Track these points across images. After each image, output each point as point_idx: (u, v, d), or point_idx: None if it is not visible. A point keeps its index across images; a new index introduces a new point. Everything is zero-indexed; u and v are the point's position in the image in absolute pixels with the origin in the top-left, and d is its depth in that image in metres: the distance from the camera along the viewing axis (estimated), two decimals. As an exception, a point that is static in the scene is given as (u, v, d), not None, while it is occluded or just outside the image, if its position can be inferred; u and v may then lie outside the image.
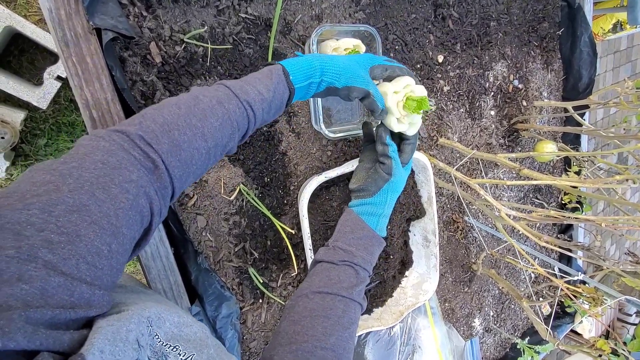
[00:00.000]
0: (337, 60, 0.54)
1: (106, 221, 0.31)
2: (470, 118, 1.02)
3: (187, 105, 0.42)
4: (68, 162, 0.32)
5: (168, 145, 0.38)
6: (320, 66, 0.52)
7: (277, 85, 0.49)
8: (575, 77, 1.19)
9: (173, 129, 0.39)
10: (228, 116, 0.44)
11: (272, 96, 0.48)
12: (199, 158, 0.42)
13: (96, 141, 0.35)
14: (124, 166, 0.35)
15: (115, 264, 0.32)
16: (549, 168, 1.25)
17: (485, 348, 1.22)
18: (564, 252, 0.94)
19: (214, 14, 0.65)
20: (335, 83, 0.54)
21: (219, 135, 0.43)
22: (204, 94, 0.44)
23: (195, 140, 0.41)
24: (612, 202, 0.86)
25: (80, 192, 0.31)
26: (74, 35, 0.52)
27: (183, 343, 0.36)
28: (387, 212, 0.65)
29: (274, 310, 0.78)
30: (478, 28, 0.99)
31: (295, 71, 0.51)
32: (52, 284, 0.27)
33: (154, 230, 0.39)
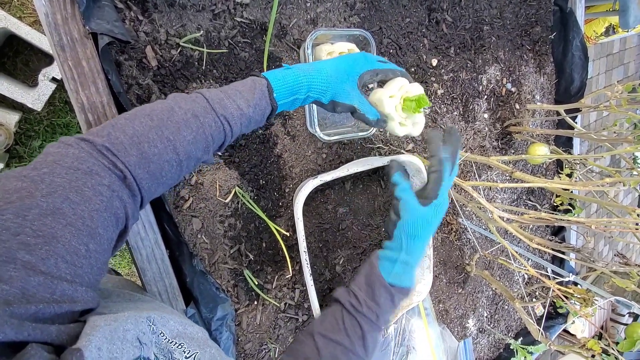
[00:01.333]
0: (324, 74, 0.53)
1: (81, 222, 0.32)
2: (464, 121, 1.03)
3: (159, 117, 0.41)
4: (39, 169, 0.33)
5: (136, 158, 0.38)
6: (307, 82, 0.51)
7: (259, 101, 0.48)
8: (567, 81, 1.21)
9: (143, 142, 0.39)
10: (203, 130, 0.43)
11: (252, 112, 0.47)
12: (169, 170, 0.41)
13: (65, 148, 0.35)
14: (95, 172, 0.35)
15: (94, 263, 0.33)
16: (541, 170, 1.26)
17: (479, 349, 1.23)
18: (556, 254, 0.95)
19: (209, 18, 0.66)
20: (321, 99, 0.53)
21: (192, 148, 0.43)
22: (179, 105, 0.43)
23: (166, 153, 0.40)
24: (603, 205, 0.87)
25: (54, 196, 0.31)
26: (70, 39, 0.52)
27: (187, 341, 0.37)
28: (406, 259, 0.56)
29: (269, 312, 0.79)
30: (472, 32, 1.00)
31: (280, 87, 0.50)
32: (32, 283, 0.27)
33: (129, 232, 0.40)
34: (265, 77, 0.50)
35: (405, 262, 0.56)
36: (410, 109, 0.59)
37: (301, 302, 0.82)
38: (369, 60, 0.59)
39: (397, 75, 0.61)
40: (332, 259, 0.83)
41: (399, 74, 0.61)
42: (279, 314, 0.80)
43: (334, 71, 0.54)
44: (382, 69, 0.59)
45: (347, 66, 0.56)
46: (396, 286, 0.56)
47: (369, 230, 0.88)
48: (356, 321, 0.54)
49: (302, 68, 0.52)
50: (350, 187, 0.84)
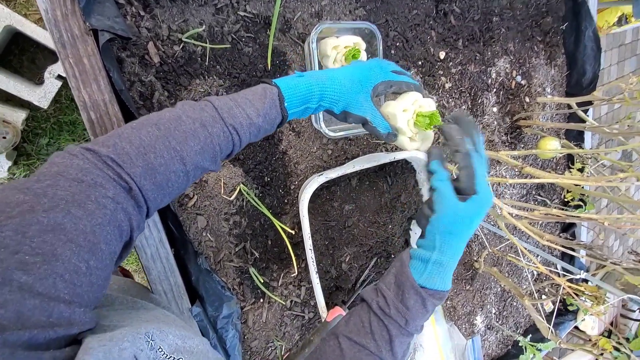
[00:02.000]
0: (337, 83, 0.51)
1: (83, 238, 0.31)
2: (472, 115, 1.01)
3: (167, 127, 0.40)
4: (42, 181, 0.32)
5: (142, 169, 0.37)
6: (320, 91, 0.50)
7: (269, 110, 0.47)
8: (579, 73, 1.18)
9: (149, 152, 0.38)
10: (211, 140, 0.42)
11: (261, 121, 0.46)
12: (176, 180, 0.41)
13: (69, 159, 0.34)
14: (100, 183, 0.34)
15: (95, 280, 0.32)
16: (551, 165, 1.24)
17: (487, 345, 1.22)
18: (567, 251, 0.93)
19: (212, 13, 0.64)
20: (333, 108, 0.52)
21: (200, 158, 0.42)
22: (187, 114, 0.42)
23: (172, 163, 0.40)
24: (615, 200, 0.85)
25: (56, 210, 0.30)
26: (70, 36, 0.52)
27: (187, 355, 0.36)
28: (440, 259, 0.50)
29: (275, 309, 0.78)
30: (480, 23, 0.98)
31: (291, 96, 0.48)
32: (27, 306, 0.26)
33: (134, 243, 0.39)
34: (276, 85, 0.48)
35: (439, 262, 0.50)
36: (423, 125, 0.57)
37: (307, 300, 0.82)
38: (384, 70, 0.57)
39: (411, 88, 0.59)
40: (338, 256, 0.83)
41: (413, 88, 0.59)
42: (285, 312, 0.79)
43: (347, 81, 0.53)
44: (397, 80, 0.57)
45: (362, 76, 0.54)
46: (428, 289, 0.50)
47: (376, 227, 0.87)
48: (383, 324, 0.50)
49: (314, 76, 0.51)
50: (356, 183, 0.83)
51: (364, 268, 0.85)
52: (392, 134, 0.58)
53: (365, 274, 0.85)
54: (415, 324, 0.50)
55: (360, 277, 0.84)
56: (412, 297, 0.49)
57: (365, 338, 0.49)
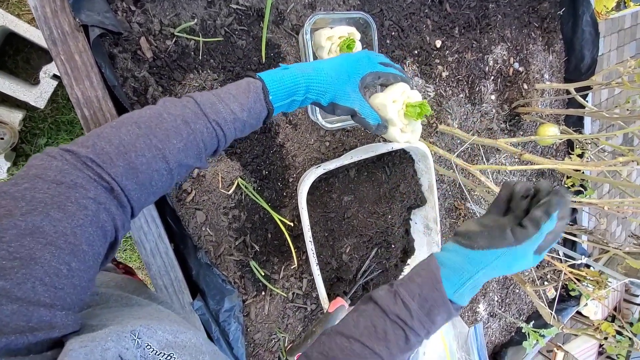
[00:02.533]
0: (324, 74, 0.51)
1: (63, 240, 0.30)
2: (470, 103, 1.00)
3: (147, 125, 0.39)
4: (19, 184, 0.31)
5: (123, 168, 0.36)
6: (305, 83, 0.49)
7: (254, 105, 0.46)
8: (577, 58, 1.17)
9: (130, 151, 0.37)
10: (194, 137, 0.41)
11: (246, 116, 0.45)
12: (159, 179, 0.40)
13: (48, 161, 0.33)
14: (80, 184, 0.33)
15: (78, 282, 0.31)
16: (551, 151, 1.23)
17: (490, 332, 1.22)
18: (568, 237, 0.93)
19: (204, 6, 0.64)
20: (320, 100, 0.51)
21: (183, 156, 0.41)
22: (169, 111, 0.41)
23: (154, 162, 0.39)
24: (616, 185, 0.85)
25: (34, 213, 0.30)
26: (60, 32, 0.51)
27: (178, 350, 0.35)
28: (478, 279, 0.47)
29: (277, 302, 0.78)
30: (476, 11, 0.97)
31: (276, 89, 0.47)
32: (5, 312, 0.26)
33: (120, 244, 0.39)
34: (260, 79, 0.47)
35: (475, 282, 0.46)
36: (413, 115, 0.58)
37: (309, 292, 0.82)
38: (372, 61, 0.57)
39: (399, 80, 0.59)
40: (338, 247, 0.83)
41: (400, 79, 0.59)
42: (287, 304, 0.80)
43: (334, 72, 0.52)
44: (385, 72, 0.57)
45: (349, 67, 0.54)
46: (456, 304, 0.47)
47: (375, 218, 0.87)
48: (404, 334, 0.46)
49: (300, 68, 0.50)
50: (354, 174, 0.82)
51: (364, 259, 0.85)
52: (382, 125, 0.57)
53: (366, 264, 0.85)
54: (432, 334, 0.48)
55: (361, 268, 0.84)
56: (440, 314, 0.46)
57: (379, 345, 0.46)
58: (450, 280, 0.46)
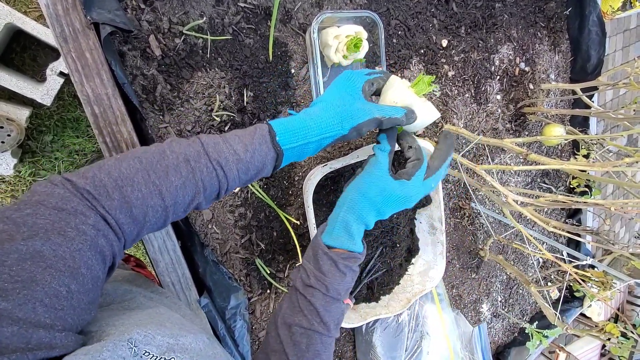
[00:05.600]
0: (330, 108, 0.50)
1: (62, 264, 0.31)
2: (476, 103, 1.00)
3: (149, 160, 0.40)
4: (22, 210, 0.32)
5: (118, 202, 0.37)
6: (316, 124, 0.48)
7: (259, 146, 0.45)
8: (583, 58, 1.16)
9: (126, 185, 0.38)
10: (193, 175, 0.41)
11: (250, 157, 0.45)
12: (153, 215, 0.40)
13: (51, 188, 0.35)
14: (81, 211, 0.34)
15: (77, 304, 0.32)
16: (556, 152, 1.23)
17: (493, 333, 1.22)
18: (573, 237, 0.93)
19: (212, 4, 0.64)
20: (341, 132, 0.49)
21: (180, 194, 0.41)
22: (172, 148, 0.42)
23: (150, 197, 0.39)
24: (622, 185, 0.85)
25: (35, 239, 0.31)
26: (72, 30, 0.52)
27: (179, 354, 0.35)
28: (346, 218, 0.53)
29: (281, 300, 0.79)
30: (483, 10, 0.96)
31: (283, 132, 0.47)
32: (5, 334, 0.27)
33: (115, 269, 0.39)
34: (267, 123, 0.48)
35: (345, 221, 0.52)
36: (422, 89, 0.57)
37: (313, 290, 0.82)
38: (358, 74, 0.56)
39: (389, 75, 0.57)
40: (344, 246, 0.83)
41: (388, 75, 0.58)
42: (292, 302, 0.80)
43: (337, 99, 0.51)
44: (374, 77, 0.56)
45: (346, 86, 0.53)
46: (337, 248, 0.52)
47: (380, 216, 0.87)
48: (306, 298, 0.52)
49: (308, 112, 0.50)
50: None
51: (369, 258, 0.85)
52: (410, 111, 0.55)
53: (371, 263, 0.85)
54: (335, 288, 0.52)
55: (366, 267, 0.85)
56: (325, 262, 0.52)
57: (297, 316, 0.51)
58: (327, 230, 0.53)
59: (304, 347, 0.51)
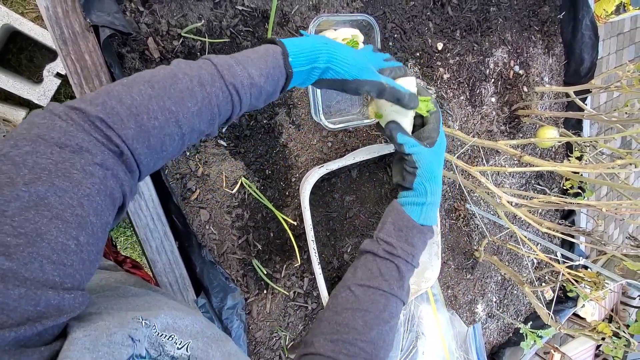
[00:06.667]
0: (346, 49, 0.49)
1: (70, 213, 0.28)
2: (471, 105, 1.01)
3: (161, 85, 0.37)
4: (20, 147, 0.28)
5: (134, 131, 0.34)
6: (327, 51, 0.47)
7: (272, 70, 0.44)
8: (576, 61, 1.18)
9: (142, 112, 0.34)
10: (209, 100, 0.39)
11: (264, 81, 0.43)
12: (170, 144, 0.38)
13: (51, 119, 0.31)
14: (86, 149, 0.31)
15: (87, 257, 0.30)
16: (550, 154, 1.25)
17: (488, 333, 1.23)
18: (566, 238, 0.94)
19: (210, 7, 0.65)
20: (344, 74, 0.48)
21: (197, 120, 0.39)
22: (184, 71, 0.39)
23: (167, 126, 0.36)
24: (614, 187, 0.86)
25: (37, 183, 0.27)
26: (71, 32, 0.52)
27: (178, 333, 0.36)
28: (432, 200, 0.60)
29: (278, 300, 0.79)
30: (477, 14, 0.98)
31: (296, 52, 0.45)
32: (12, 296, 0.25)
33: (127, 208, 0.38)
34: (280, 42, 0.46)
35: (432, 203, 0.60)
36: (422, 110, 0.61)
37: (310, 291, 0.83)
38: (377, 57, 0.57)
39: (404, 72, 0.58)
40: (340, 247, 0.84)
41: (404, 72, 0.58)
42: (289, 303, 0.81)
43: (354, 52, 0.50)
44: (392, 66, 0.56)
45: (366, 54, 0.54)
46: (426, 226, 0.60)
47: (376, 218, 0.88)
48: (393, 264, 0.56)
49: (321, 37, 0.49)
50: (356, 175, 0.83)
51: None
52: (414, 95, 0.55)
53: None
54: (418, 258, 0.59)
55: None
56: (415, 235, 0.58)
57: (376, 281, 0.55)
58: (414, 212, 0.59)
59: (382, 308, 0.54)
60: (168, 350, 0.34)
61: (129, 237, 1.71)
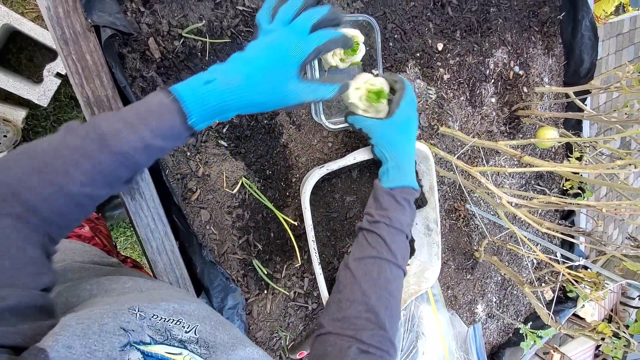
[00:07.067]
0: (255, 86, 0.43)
1: None
2: (471, 106, 1.01)
3: (43, 159, 0.37)
4: None
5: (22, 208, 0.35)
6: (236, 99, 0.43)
7: (170, 130, 0.40)
8: (576, 62, 1.18)
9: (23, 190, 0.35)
10: (99, 170, 0.38)
11: (160, 141, 0.40)
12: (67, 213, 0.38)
13: None
14: None
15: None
16: (550, 154, 1.25)
17: (488, 334, 1.23)
18: (566, 238, 0.94)
19: (211, 8, 0.65)
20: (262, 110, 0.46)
21: (90, 189, 0.38)
22: (67, 143, 0.38)
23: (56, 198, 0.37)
24: (614, 187, 0.86)
25: None
26: (72, 33, 0.52)
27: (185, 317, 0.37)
28: (393, 163, 0.63)
29: (279, 300, 0.79)
30: (478, 14, 0.98)
31: (198, 112, 0.41)
32: None
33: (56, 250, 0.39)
34: (177, 99, 0.41)
35: (395, 166, 0.63)
36: (372, 99, 0.67)
37: (310, 291, 0.83)
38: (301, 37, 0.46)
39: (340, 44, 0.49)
40: (340, 247, 0.84)
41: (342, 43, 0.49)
42: (289, 303, 0.81)
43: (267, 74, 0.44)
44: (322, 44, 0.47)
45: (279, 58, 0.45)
46: (396, 187, 0.62)
47: (377, 218, 0.88)
48: (373, 232, 0.59)
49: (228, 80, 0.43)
50: (357, 175, 0.83)
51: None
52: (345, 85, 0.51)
53: (367, 264, 0.86)
54: (397, 219, 0.60)
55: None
56: (385, 199, 0.61)
57: (366, 250, 0.59)
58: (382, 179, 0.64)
59: (375, 275, 0.56)
60: (176, 334, 0.36)
61: (129, 237, 1.71)
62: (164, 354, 0.33)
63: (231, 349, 0.39)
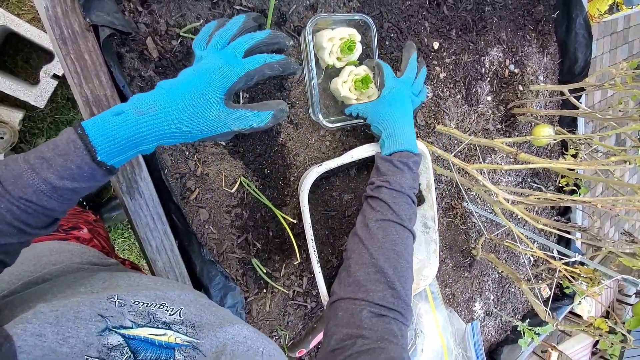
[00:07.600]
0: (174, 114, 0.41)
1: None
2: (467, 104, 1.02)
3: None
4: None
5: None
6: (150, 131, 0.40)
7: (79, 170, 0.37)
8: (571, 60, 1.19)
9: None
10: (1, 217, 0.35)
11: (70, 182, 0.37)
12: None
13: None
14: None
15: None
16: (546, 152, 1.26)
17: (486, 331, 1.24)
18: (563, 235, 0.95)
19: (208, 7, 0.65)
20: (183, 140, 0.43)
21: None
22: None
23: None
24: (609, 184, 0.87)
25: None
26: (71, 32, 0.52)
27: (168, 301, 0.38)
28: (388, 133, 0.66)
29: (278, 299, 0.80)
30: (473, 13, 0.99)
31: (106, 147, 0.38)
32: None
33: None
34: (83, 135, 0.37)
35: (389, 134, 0.66)
36: (360, 87, 0.73)
37: (309, 289, 0.83)
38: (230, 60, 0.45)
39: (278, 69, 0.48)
40: (339, 245, 0.84)
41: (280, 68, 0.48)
42: (288, 302, 0.81)
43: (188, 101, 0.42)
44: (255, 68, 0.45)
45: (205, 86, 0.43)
46: (393, 153, 0.65)
47: (375, 216, 0.88)
48: (376, 197, 0.61)
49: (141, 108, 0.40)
50: (354, 173, 0.84)
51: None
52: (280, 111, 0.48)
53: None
54: (396, 181, 0.62)
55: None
56: (383, 165, 0.64)
57: (370, 214, 0.61)
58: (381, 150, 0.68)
59: (382, 238, 0.58)
60: (159, 317, 0.36)
61: (127, 238, 1.71)
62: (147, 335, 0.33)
63: (219, 327, 0.39)
